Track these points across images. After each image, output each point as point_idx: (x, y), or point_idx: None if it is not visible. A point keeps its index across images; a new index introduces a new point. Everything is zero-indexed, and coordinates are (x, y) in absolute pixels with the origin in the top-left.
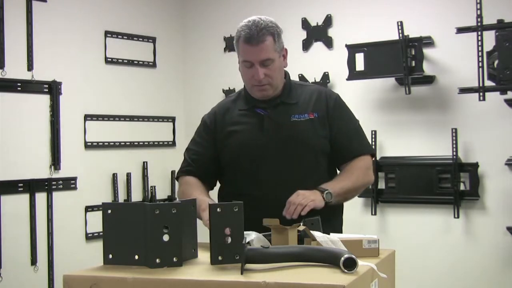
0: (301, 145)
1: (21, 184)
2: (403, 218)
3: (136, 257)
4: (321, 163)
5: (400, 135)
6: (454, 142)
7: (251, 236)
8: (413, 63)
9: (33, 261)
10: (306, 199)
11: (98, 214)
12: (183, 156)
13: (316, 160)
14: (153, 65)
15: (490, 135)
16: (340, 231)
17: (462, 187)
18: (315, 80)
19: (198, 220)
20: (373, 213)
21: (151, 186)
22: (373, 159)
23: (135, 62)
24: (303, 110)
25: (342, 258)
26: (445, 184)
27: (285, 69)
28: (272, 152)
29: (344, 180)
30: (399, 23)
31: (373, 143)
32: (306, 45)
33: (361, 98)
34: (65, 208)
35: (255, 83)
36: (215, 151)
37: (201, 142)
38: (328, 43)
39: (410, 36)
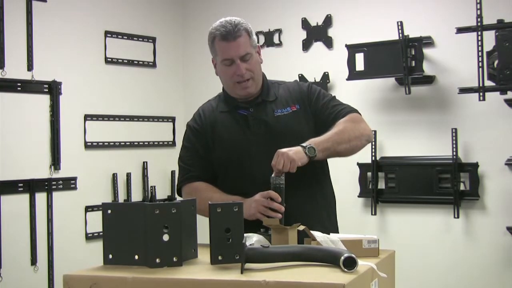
0: (289, 138)
1: (21, 184)
2: (403, 218)
3: (136, 257)
4: None
5: (400, 135)
6: (454, 142)
7: (252, 239)
8: (413, 63)
9: (33, 261)
10: (287, 159)
11: (98, 214)
12: (178, 166)
13: None
14: (153, 65)
15: (490, 135)
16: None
17: (462, 187)
18: (315, 80)
19: (198, 220)
20: (373, 213)
21: (151, 186)
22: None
23: (135, 62)
24: (285, 104)
25: (342, 257)
26: (445, 184)
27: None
28: (261, 149)
29: (328, 132)
30: (399, 23)
31: (373, 143)
32: (306, 45)
33: (361, 98)
34: (65, 208)
35: (237, 80)
36: (209, 152)
37: (192, 146)
38: (328, 43)
39: (410, 36)
